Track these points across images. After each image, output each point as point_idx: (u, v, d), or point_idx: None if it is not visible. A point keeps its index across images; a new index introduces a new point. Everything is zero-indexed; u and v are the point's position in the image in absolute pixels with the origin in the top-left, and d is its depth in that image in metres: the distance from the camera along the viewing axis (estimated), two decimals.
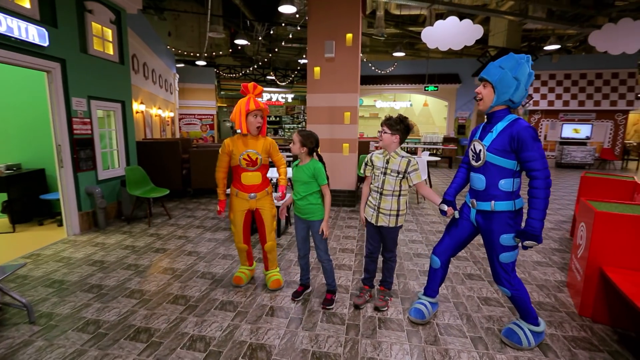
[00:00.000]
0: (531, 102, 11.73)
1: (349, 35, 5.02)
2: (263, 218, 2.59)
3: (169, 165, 5.72)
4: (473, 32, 5.88)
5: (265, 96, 16.59)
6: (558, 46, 9.73)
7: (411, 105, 15.08)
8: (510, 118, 1.86)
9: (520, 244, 1.86)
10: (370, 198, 2.37)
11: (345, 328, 2.18)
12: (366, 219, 2.38)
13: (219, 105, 15.98)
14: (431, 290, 2.31)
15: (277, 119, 18.39)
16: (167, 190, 4.64)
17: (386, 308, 2.41)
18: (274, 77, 15.58)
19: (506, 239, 1.90)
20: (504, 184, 1.88)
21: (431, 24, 11.11)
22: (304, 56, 13.52)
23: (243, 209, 2.55)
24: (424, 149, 9.66)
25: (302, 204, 2.35)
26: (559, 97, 11.39)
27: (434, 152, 11.66)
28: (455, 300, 2.57)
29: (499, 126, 1.86)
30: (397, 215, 2.28)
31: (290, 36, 9.30)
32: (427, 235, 4.14)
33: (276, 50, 13.41)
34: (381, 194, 2.27)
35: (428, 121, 15.09)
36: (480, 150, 1.91)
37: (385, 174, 2.26)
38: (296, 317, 2.30)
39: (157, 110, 9.18)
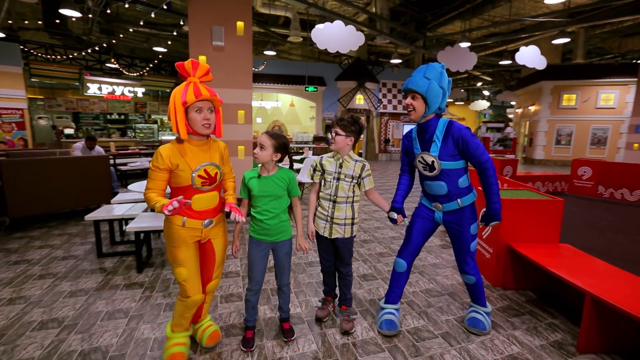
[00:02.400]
0: (381, 105, 13.86)
1: (240, 24, 4.45)
2: (215, 249, 1.87)
3: None
4: (357, 38, 6.31)
5: (106, 88, 13.27)
6: (400, 60, 11.85)
7: (280, 105, 15.28)
8: (444, 122, 1.96)
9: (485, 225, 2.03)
10: (320, 208, 2.14)
11: None
12: (317, 232, 2.14)
13: (30, 96, 11.70)
14: (395, 295, 2.23)
15: (123, 117, 15.10)
16: None
17: (354, 330, 2.18)
18: (117, 66, 12.62)
19: (474, 227, 2.05)
20: (462, 181, 2.02)
21: (295, 27, 11.56)
22: (169, 43, 11.44)
23: (193, 243, 1.76)
24: (309, 148, 10.00)
25: (273, 224, 1.84)
26: (400, 102, 13.92)
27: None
28: (406, 300, 2.59)
29: (439, 134, 1.95)
30: (352, 224, 2.14)
31: (153, 15, 7.57)
32: None
33: (130, 30, 10.76)
34: (334, 202, 2.08)
35: (295, 121, 15.66)
36: (432, 161, 1.97)
37: (338, 179, 2.08)
38: None
39: None
